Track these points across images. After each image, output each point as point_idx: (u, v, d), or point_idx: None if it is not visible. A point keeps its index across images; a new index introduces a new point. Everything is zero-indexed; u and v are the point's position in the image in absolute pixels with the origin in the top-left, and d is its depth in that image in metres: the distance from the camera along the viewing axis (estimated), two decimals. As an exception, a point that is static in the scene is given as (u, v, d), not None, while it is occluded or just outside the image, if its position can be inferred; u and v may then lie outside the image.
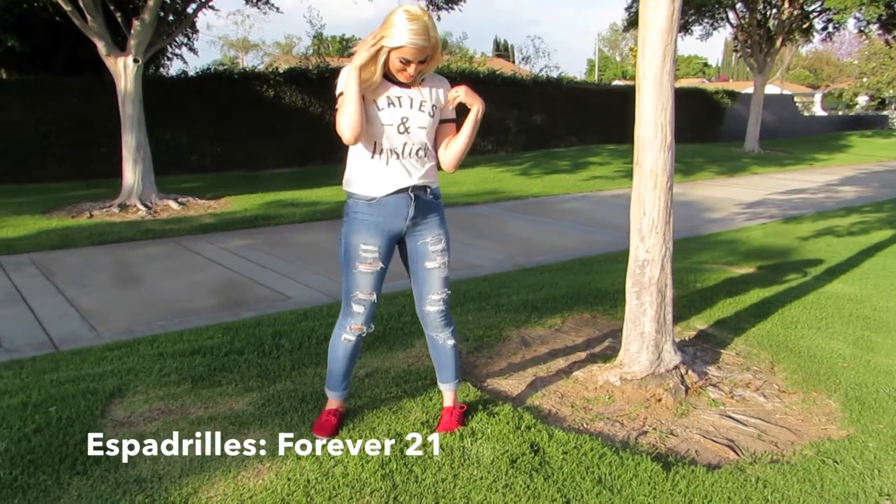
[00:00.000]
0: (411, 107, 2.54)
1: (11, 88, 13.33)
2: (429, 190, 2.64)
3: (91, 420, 2.80)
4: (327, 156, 16.81)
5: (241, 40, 47.44)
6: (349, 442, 2.59)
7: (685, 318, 4.45)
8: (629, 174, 12.44)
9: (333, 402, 2.85)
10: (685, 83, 40.30)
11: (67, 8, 9.07)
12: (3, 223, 8.81)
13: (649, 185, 3.20)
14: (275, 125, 15.83)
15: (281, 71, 16.36)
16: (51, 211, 9.74)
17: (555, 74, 27.93)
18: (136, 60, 9.60)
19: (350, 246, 2.62)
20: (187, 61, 28.97)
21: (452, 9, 12.85)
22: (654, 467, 2.51)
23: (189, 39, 16.41)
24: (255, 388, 3.20)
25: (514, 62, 45.56)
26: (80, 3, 9.14)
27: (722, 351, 3.89)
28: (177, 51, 16.46)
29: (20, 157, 13.26)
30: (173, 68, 16.99)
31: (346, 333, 2.70)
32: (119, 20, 9.94)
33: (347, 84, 2.41)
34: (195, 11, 11.16)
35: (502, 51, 66.04)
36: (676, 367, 3.37)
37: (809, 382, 3.48)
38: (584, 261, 6.89)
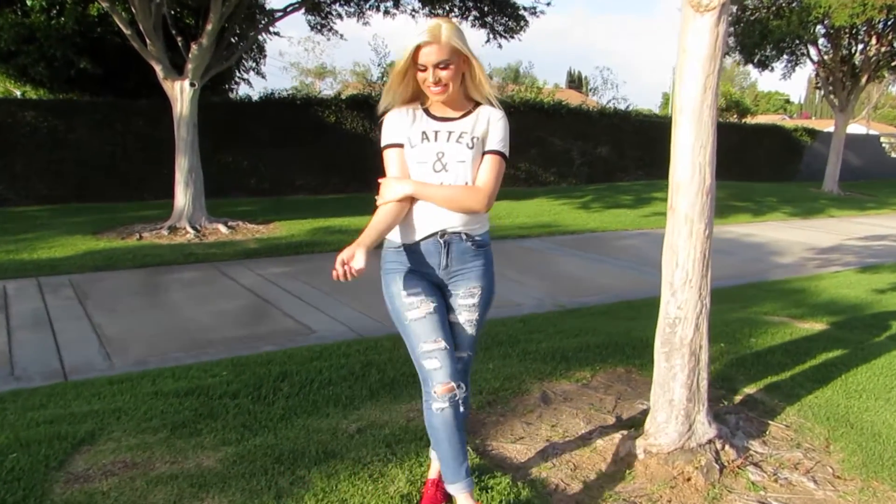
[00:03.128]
0: (448, 140, 2.23)
1: (81, 109, 13.75)
2: (465, 236, 2.27)
3: (45, 473, 2.57)
4: (385, 183, 16.76)
5: (318, 67, 48.41)
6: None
7: (731, 378, 3.97)
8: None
9: (458, 493, 2.28)
10: (764, 119, 38.95)
11: (128, 31, 9.25)
12: (54, 242, 8.94)
13: (683, 232, 2.80)
14: (334, 151, 15.87)
15: (343, 97, 16.42)
16: (102, 231, 9.86)
17: (623, 106, 27.28)
18: (192, 84, 9.69)
19: (393, 297, 2.28)
20: (253, 85, 29.60)
21: (512, 38, 12.63)
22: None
23: (257, 64, 16.70)
24: (234, 440, 2.92)
25: (587, 94, 45.11)
26: (141, 28, 9.30)
27: (770, 422, 3.41)
28: (245, 75, 16.77)
29: (85, 176, 13.64)
30: (241, 92, 17.23)
31: (436, 402, 2.18)
32: (179, 44, 10.09)
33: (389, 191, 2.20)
34: (254, 36, 11.26)
35: (575, 82, 65.61)
36: (711, 442, 2.93)
37: (870, 468, 2.97)
38: (632, 304, 6.42)
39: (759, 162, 23.79)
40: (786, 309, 6.23)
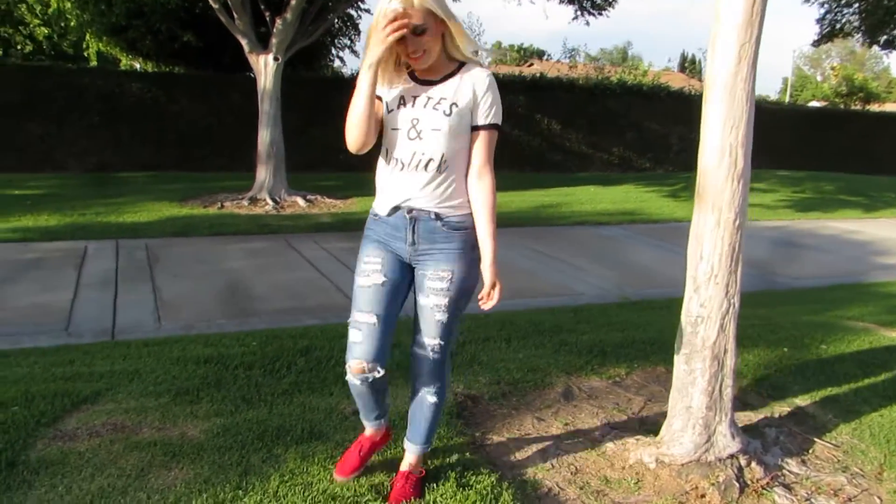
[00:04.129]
0: (425, 105, 2.07)
1: (182, 82, 14.34)
2: (435, 216, 2.12)
3: (34, 429, 2.60)
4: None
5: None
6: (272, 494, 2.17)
7: (784, 387, 3.60)
8: (795, 204, 11.04)
9: (367, 429, 2.45)
10: (891, 108, 35.93)
11: (215, 5, 9.47)
12: (141, 207, 9.35)
13: (710, 222, 2.51)
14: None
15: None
16: (188, 199, 10.23)
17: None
18: (276, 59, 9.84)
19: (357, 262, 2.25)
20: (346, 63, 29.98)
21: (601, 14, 12.10)
22: None
23: (352, 41, 16.86)
24: (227, 412, 2.88)
25: (696, 77, 43.10)
26: (229, 2, 9.51)
27: (817, 440, 3.04)
28: (340, 52, 16.98)
29: (186, 146, 14.24)
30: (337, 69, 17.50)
31: (349, 375, 2.21)
32: (267, 18, 10.26)
33: (359, 83, 2.01)
34: (340, 11, 11.29)
35: (687, 65, 62.84)
36: (733, 456, 2.63)
37: (925, 503, 2.59)
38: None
39: (881, 155, 21.96)
40: (875, 315, 5.64)
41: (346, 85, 16.13)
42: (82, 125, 13.73)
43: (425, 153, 2.06)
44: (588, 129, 17.63)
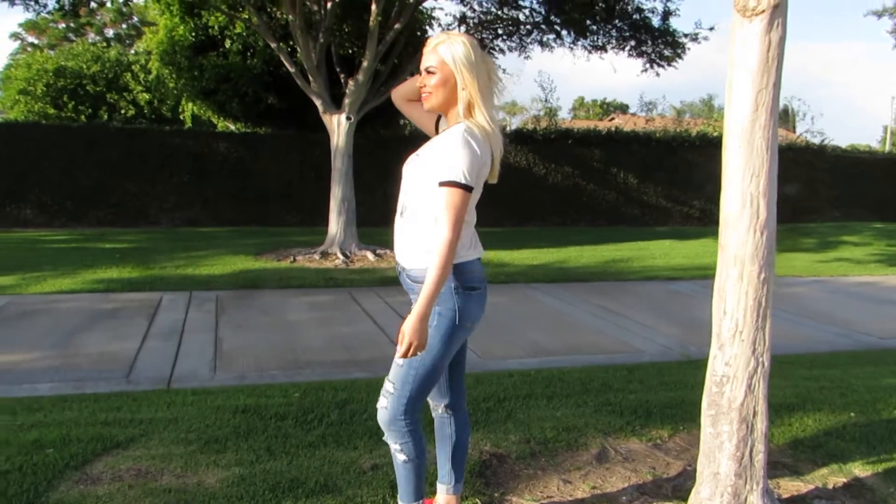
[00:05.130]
0: (418, 153, 2.20)
1: (266, 141, 15.06)
2: (403, 269, 2.23)
3: (61, 471, 2.71)
4: (546, 217, 16.57)
5: (509, 104, 48.90)
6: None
7: (843, 455, 3.32)
8: (889, 258, 10.41)
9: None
10: None
11: (292, 69, 9.97)
12: (217, 261, 9.75)
13: (733, 275, 2.39)
14: (496, 184, 15.92)
15: (507, 132, 16.54)
16: (263, 253, 10.61)
17: (817, 140, 24.80)
18: (348, 118, 10.21)
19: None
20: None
21: (669, 66, 11.98)
22: None
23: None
24: (249, 461, 2.91)
25: (793, 128, 41.67)
26: (305, 65, 9.98)
27: (872, 514, 2.79)
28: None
29: (267, 202, 14.86)
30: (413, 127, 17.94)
31: None
32: (341, 79, 10.69)
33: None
34: (411, 71, 11.64)
35: (781, 116, 61.01)
36: (767, 530, 2.44)
37: None
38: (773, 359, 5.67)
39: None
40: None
41: (421, 143, 16.53)
42: (173, 183, 14.58)
43: (403, 200, 2.22)
44: (667, 181, 17.33)
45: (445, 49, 2.09)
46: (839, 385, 4.66)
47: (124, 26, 30.87)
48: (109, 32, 30.82)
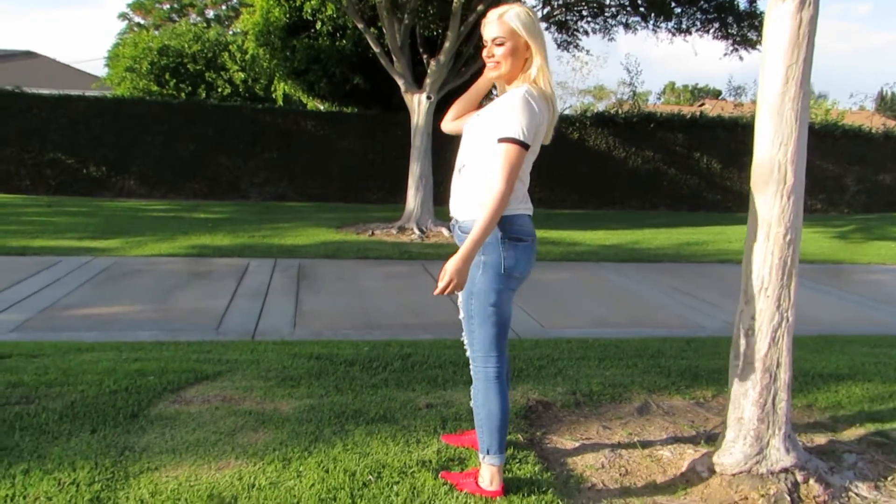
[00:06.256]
0: (478, 114, 2.37)
1: (351, 121, 15.61)
2: (456, 222, 2.37)
3: (160, 393, 3.15)
4: (625, 201, 16.48)
5: (596, 88, 48.08)
6: (332, 458, 2.50)
7: (884, 420, 3.41)
8: None
9: None
10: None
11: (377, 49, 10.36)
12: (301, 232, 10.31)
13: (760, 236, 2.56)
14: (575, 167, 15.99)
15: (588, 114, 16.49)
16: (344, 226, 11.12)
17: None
18: (428, 97, 10.54)
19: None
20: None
21: (754, 49, 11.68)
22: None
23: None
24: (318, 395, 3.28)
25: (894, 116, 39.33)
26: (389, 46, 10.36)
27: (899, 471, 2.90)
28: (494, 93, 17.56)
29: (349, 179, 15.43)
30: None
31: None
32: (424, 60, 11.01)
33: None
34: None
35: (886, 103, 57.69)
36: (787, 471, 2.61)
37: None
38: (831, 339, 5.68)
39: None
40: None
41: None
42: (264, 158, 15.34)
43: (461, 157, 2.36)
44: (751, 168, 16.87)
45: (513, 18, 2.20)
46: (898, 363, 4.66)
47: (224, 7, 32.26)
48: (210, 13, 32.27)
